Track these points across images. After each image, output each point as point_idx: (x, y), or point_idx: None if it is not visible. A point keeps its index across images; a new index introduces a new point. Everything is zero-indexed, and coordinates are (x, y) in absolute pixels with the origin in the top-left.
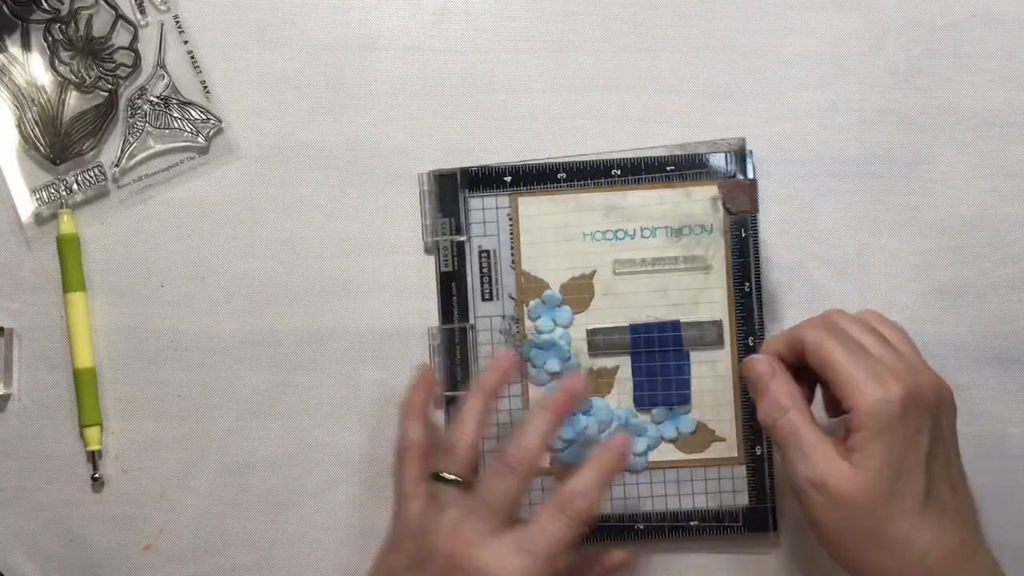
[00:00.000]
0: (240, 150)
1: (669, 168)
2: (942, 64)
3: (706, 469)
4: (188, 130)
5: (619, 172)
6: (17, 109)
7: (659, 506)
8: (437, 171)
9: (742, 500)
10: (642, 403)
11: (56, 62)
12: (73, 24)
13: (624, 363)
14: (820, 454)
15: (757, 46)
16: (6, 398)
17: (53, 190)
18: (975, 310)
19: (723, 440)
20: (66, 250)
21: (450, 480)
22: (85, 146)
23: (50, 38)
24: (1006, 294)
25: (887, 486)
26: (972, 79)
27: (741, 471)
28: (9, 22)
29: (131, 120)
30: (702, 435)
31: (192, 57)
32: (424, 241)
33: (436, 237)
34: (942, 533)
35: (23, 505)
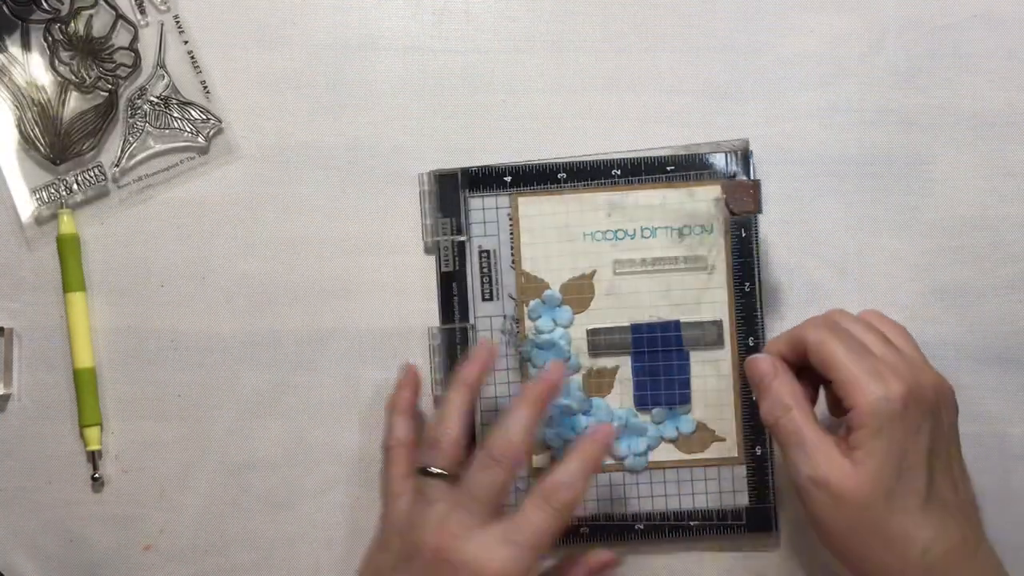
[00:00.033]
0: (240, 150)
1: (669, 168)
2: (942, 64)
3: (706, 469)
4: (188, 130)
5: (619, 172)
6: (17, 109)
7: (659, 506)
8: (437, 171)
9: (742, 500)
10: (642, 403)
11: (56, 62)
12: (73, 24)
13: (624, 363)
14: (822, 453)
15: (757, 46)
16: (6, 398)
17: (53, 190)
18: (975, 310)
19: (723, 440)
20: (66, 250)
21: (436, 474)
22: (85, 146)
23: (50, 38)
24: (1006, 294)
25: (888, 484)
26: (972, 79)
27: (741, 471)
28: (9, 22)
29: (131, 120)
30: (702, 435)
31: (192, 57)
32: (424, 241)
33: (437, 237)
34: (943, 530)
35: (23, 505)
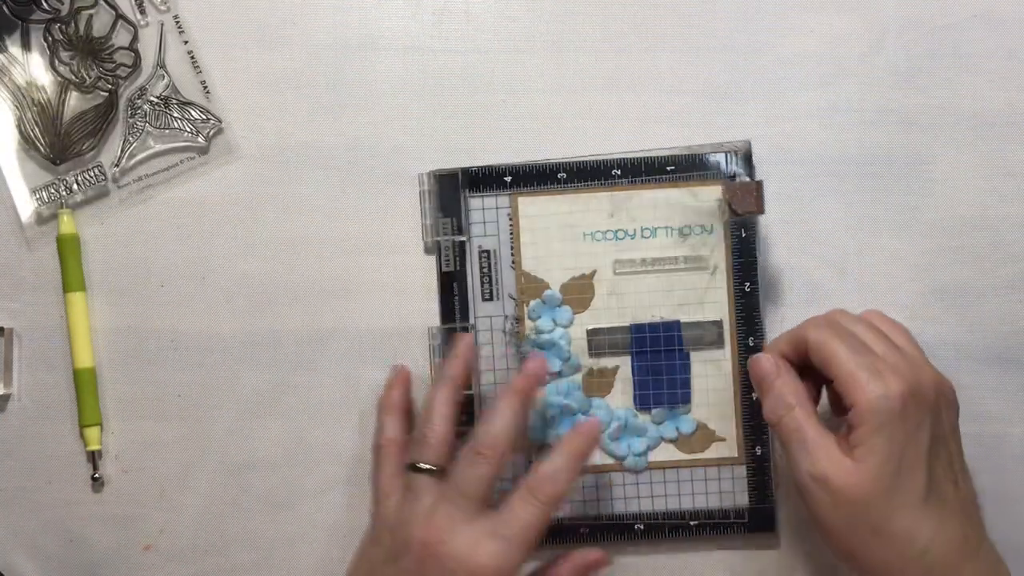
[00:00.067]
0: (240, 150)
1: (669, 168)
2: (942, 64)
3: (706, 469)
4: (188, 130)
5: (619, 172)
6: (17, 109)
7: (659, 506)
8: (438, 171)
9: (742, 500)
10: (642, 403)
11: (56, 62)
12: (73, 24)
13: (624, 363)
14: (823, 450)
15: (757, 46)
16: (6, 398)
17: (53, 190)
18: (975, 310)
19: (723, 440)
20: (66, 250)
21: (424, 470)
22: (85, 146)
23: (50, 38)
24: (1006, 294)
25: (888, 481)
26: (972, 79)
27: (741, 471)
28: (9, 22)
29: (131, 120)
30: (702, 435)
31: (192, 57)
32: (424, 241)
33: (437, 237)
34: (943, 528)
35: (23, 505)
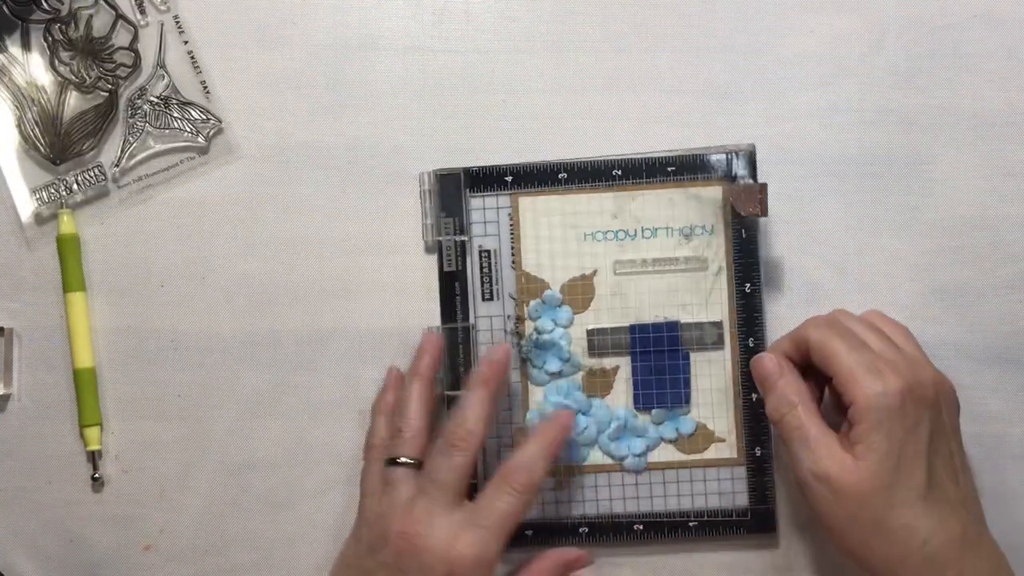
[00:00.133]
0: (240, 150)
1: (670, 169)
2: (942, 64)
3: (706, 470)
4: (188, 130)
5: (620, 173)
6: (17, 109)
7: (658, 507)
8: (440, 170)
9: (742, 501)
10: (642, 403)
11: (56, 62)
12: (73, 24)
13: (624, 364)
14: (824, 447)
15: (757, 46)
16: (6, 398)
17: (53, 190)
18: (975, 310)
19: (723, 441)
20: (66, 250)
21: (402, 463)
22: (85, 146)
23: (50, 38)
24: (1006, 294)
25: (888, 477)
26: (972, 79)
27: (741, 472)
28: (9, 22)
29: (131, 120)
30: (702, 436)
31: (192, 57)
32: (425, 241)
33: (439, 237)
34: (943, 523)
35: (23, 505)
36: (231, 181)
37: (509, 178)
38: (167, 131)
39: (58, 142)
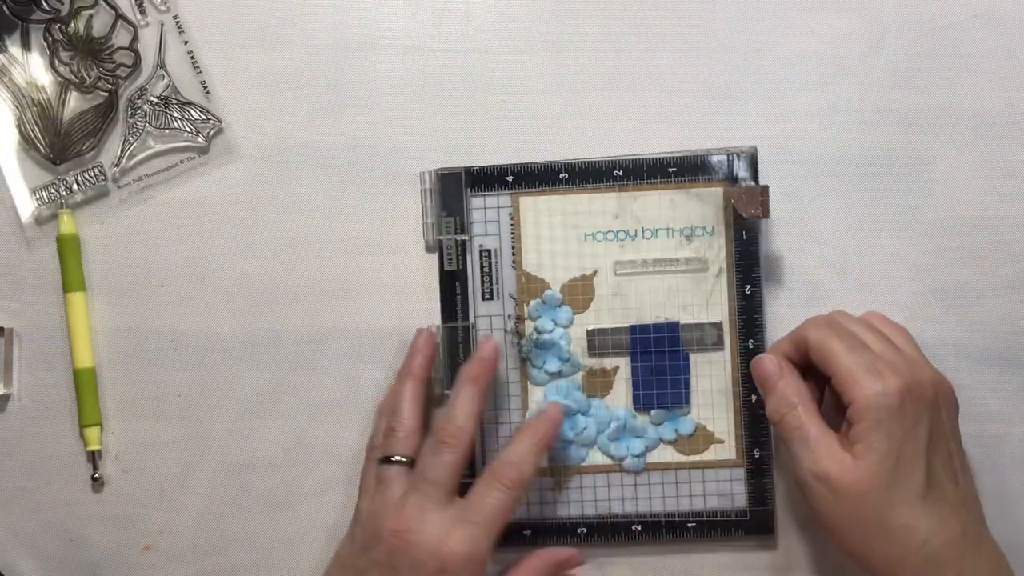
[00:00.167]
0: (240, 150)
1: (671, 170)
2: (942, 64)
3: (704, 471)
4: (188, 130)
5: (621, 173)
6: (17, 109)
7: (657, 507)
8: (441, 169)
9: (740, 502)
10: (641, 404)
11: (56, 62)
12: (73, 24)
13: (624, 364)
14: (824, 447)
15: (757, 46)
16: (6, 398)
17: (53, 190)
18: (975, 310)
19: (722, 442)
20: (66, 250)
21: (395, 461)
22: (85, 146)
23: (50, 38)
24: (1006, 294)
25: (887, 476)
26: (972, 79)
27: (739, 473)
28: (9, 22)
29: (131, 120)
30: (701, 437)
31: (192, 57)
32: (426, 240)
33: (440, 236)
34: (943, 522)
35: (23, 505)
36: (231, 181)
37: (510, 178)
38: (167, 131)
39: (58, 142)
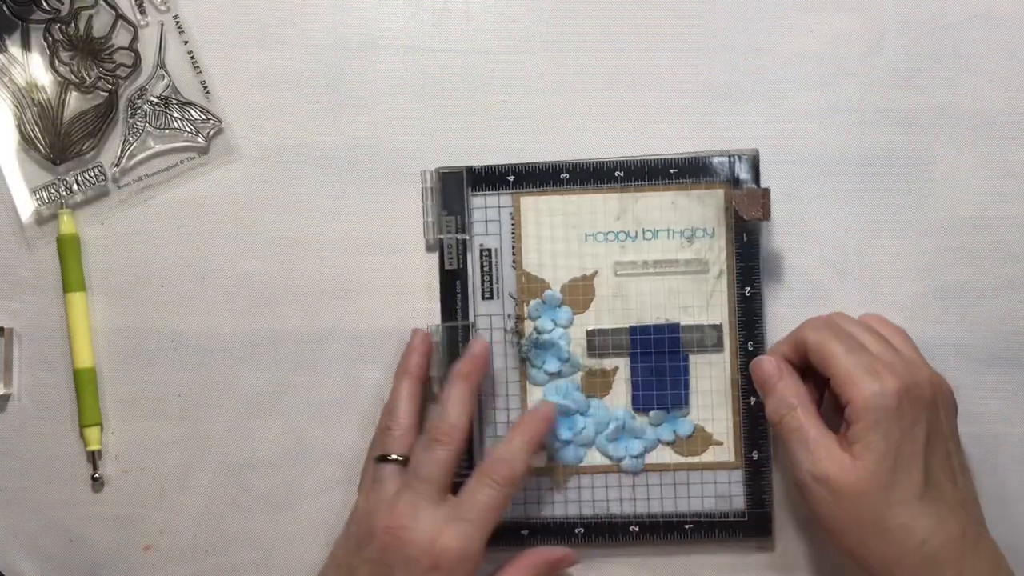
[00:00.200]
0: (240, 150)
1: (672, 171)
2: (942, 64)
3: (703, 473)
4: (188, 130)
5: (622, 174)
6: (17, 109)
7: (655, 508)
8: (442, 168)
9: (738, 504)
10: (641, 405)
11: (56, 62)
12: (73, 24)
13: (623, 365)
14: (823, 448)
15: (757, 46)
16: (6, 398)
17: (53, 190)
18: (975, 310)
19: (720, 444)
20: (66, 250)
21: (391, 460)
22: (85, 146)
23: (50, 38)
24: (1006, 294)
25: (885, 477)
26: (972, 79)
27: (738, 475)
28: (9, 22)
29: (131, 120)
30: (700, 438)
31: (192, 57)
32: (426, 239)
33: (440, 235)
34: (941, 522)
35: (23, 505)
36: (231, 181)
37: (511, 177)
38: (167, 131)
39: (58, 142)
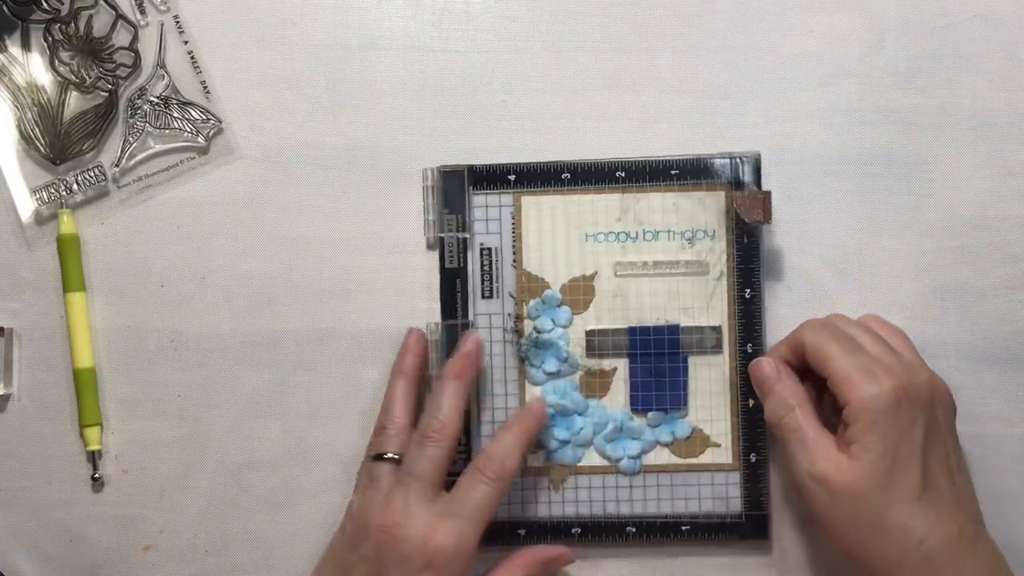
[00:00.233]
0: (240, 150)
1: (674, 172)
2: (942, 64)
3: (700, 474)
4: (188, 130)
5: (624, 175)
6: (17, 109)
7: (652, 510)
8: (443, 167)
9: (735, 506)
10: (639, 405)
11: (56, 62)
12: (73, 24)
13: (622, 365)
14: (821, 448)
15: (757, 46)
16: (6, 398)
17: (53, 190)
18: (975, 310)
19: (718, 446)
20: (66, 250)
21: (386, 458)
22: (85, 146)
23: (50, 38)
24: (1006, 294)
25: (882, 477)
26: (972, 79)
27: (735, 477)
28: (9, 22)
29: (131, 120)
30: (698, 440)
31: (192, 57)
32: (427, 237)
33: (441, 233)
34: (939, 522)
35: (23, 505)
36: (231, 181)
37: (512, 177)
38: (167, 131)
39: (58, 142)
